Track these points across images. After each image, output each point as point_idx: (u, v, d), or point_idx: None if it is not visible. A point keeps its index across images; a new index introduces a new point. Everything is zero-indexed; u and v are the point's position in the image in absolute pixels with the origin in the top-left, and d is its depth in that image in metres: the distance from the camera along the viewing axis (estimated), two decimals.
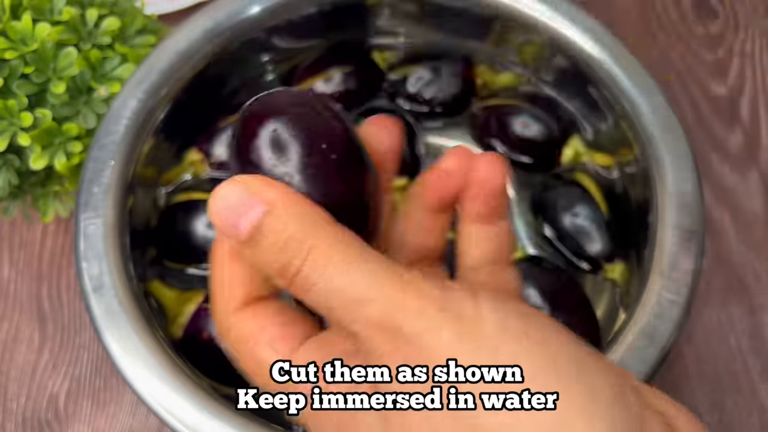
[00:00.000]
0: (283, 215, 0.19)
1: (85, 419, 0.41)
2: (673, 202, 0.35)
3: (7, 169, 0.37)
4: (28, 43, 0.36)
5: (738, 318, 0.44)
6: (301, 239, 0.19)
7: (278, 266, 0.19)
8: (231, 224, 0.20)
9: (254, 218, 0.19)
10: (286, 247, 0.19)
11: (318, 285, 0.19)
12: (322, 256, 0.19)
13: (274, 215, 0.19)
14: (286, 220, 0.19)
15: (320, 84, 0.43)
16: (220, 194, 0.20)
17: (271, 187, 0.20)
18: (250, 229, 0.19)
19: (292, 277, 0.19)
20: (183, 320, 0.36)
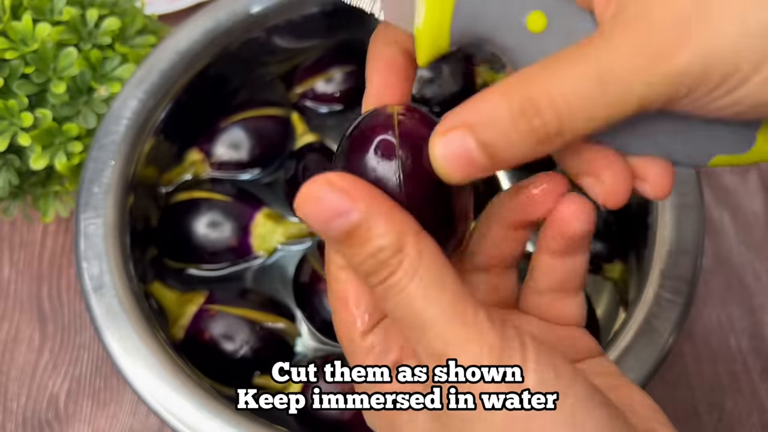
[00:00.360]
0: (377, 223, 0.20)
1: (86, 419, 0.41)
2: (673, 202, 0.35)
3: (7, 169, 0.37)
4: (28, 44, 0.36)
5: (738, 318, 0.44)
6: (391, 250, 0.19)
7: (365, 270, 0.20)
8: (323, 221, 0.20)
9: (349, 222, 0.20)
10: (377, 254, 0.19)
11: (397, 300, 0.19)
12: (407, 274, 0.19)
13: (369, 222, 0.20)
14: (380, 229, 0.20)
15: (321, 84, 0.43)
16: (314, 190, 0.20)
17: (366, 192, 0.20)
18: (344, 232, 0.20)
19: (377, 284, 0.20)
20: (184, 322, 0.36)
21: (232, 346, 0.36)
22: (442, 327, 0.19)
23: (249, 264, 0.40)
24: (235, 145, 0.41)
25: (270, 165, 0.42)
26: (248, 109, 0.42)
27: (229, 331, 0.36)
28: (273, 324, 0.37)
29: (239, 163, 0.41)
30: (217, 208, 0.39)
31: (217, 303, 0.37)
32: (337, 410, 0.35)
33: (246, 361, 0.36)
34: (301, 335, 0.39)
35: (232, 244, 0.39)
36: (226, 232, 0.39)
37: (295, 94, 0.44)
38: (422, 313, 0.19)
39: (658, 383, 0.42)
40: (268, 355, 0.37)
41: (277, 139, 0.42)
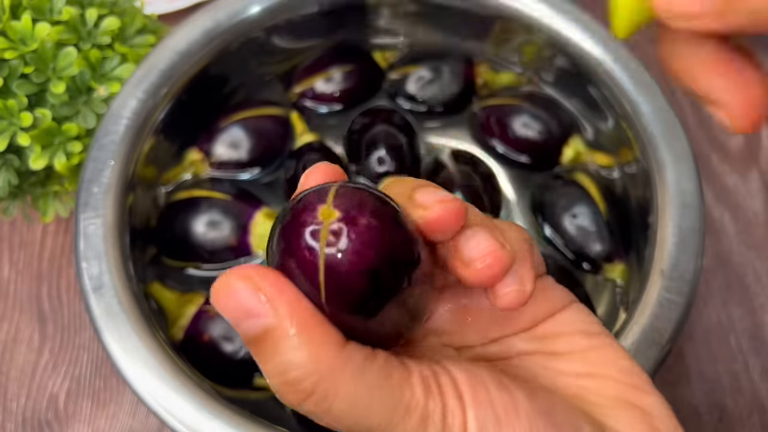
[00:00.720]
0: (289, 336, 0.17)
1: (85, 419, 0.41)
2: (674, 202, 0.35)
3: (6, 169, 0.37)
4: (27, 43, 0.36)
5: (738, 318, 0.44)
6: (304, 369, 0.17)
7: (274, 385, 0.18)
8: (234, 318, 0.18)
9: (261, 325, 0.18)
10: (287, 372, 0.17)
11: (322, 420, 0.18)
12: (327, 398, 0.17)
13: (279, 333, 0.17)
14: (292, 343, 0.17)
15: (320, 84, 0.43)
16: (230, 282, 0.18)
17: (282, 295, 0.18)
18: (254, 336, 0.18)
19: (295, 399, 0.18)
20: (183, 322, 0.36)
21: (231, 348, 0.36)
22: (379, 427, 0.18)
23: (248, 263, 0.40)
24: (235, 144, 0.41)
25: (269, 164, 0.42)
26: (247, 109, 0.42)
27: (229, 333, 0.36)
28: None
29: (239, 163, 0.41)
30: (216, 207, 0.39)
31: None
32: None
33: (246, 363, 0.36)
34: None
35: (232, 243, 0.39)
36: (226, 231, 0.39)
37: (295, 94, 0.44)
38: (356, 427, 0.18)
39: (658, 383, 0.41)
40: None
41: (277, 139, 0.42)
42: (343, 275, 0.18)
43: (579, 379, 0.21)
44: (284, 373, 0.17)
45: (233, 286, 0.18)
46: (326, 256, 0.18)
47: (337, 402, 0.17)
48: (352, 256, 0.18)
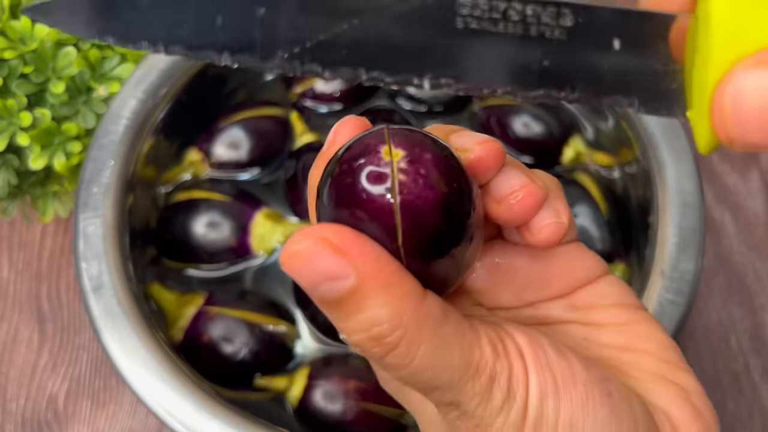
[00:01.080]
0: (373, 294, 0.17)
1: (85, 420, 0.41)
2: (674, 201, 0.35)
3: (6, 168, 0.37)
4: (27, 43, 0.36)
5: (739, 318, 0.44)
6: (389, 324, 0.17)
7: (357, 342, 0.18)
8: (312, 283, 0.17)
9: (342, 288, 0.17)
10: (371, 329, 0.17)
11: (400, 372, 0.18)
12: (410, 351, 0.17)
13: (362, 294, 0.17)
14: (377, 301, 0.17)
15: (320, 84, 0.43)
16: (303, 249, 0.17)
17: (363, 254, 0.17)
18: (334, 299, 0.17)
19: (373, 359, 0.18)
20: (183, 323, 0.36)
21: (231, 349, 0.36)
22: (455, 389, 0.18)
23: (248, 264, 0.40)
24: (235, 144, 0.41)
25: (269, 165, 0.42)
26: (247, 109, 0.42)
27: (228, 334, 0.36)
28: (272, 326, 0.37)
29: (238, 163, 0.41)
30: (216, 208, 0.39)
31: (216, 305, 0.37)
32: (339, 410, 0.35)
33: (245, 364, 0.36)
34: (301, 337, 0.39)
35: (232, 244, 0.39)
36: (225, 232, 0.39)
37: (295, 94, 0.44)
38: (432, 382, 0.18)
39: None
40: (268, 357, 0.37)
41: (277, 139, 0.42)
42: (419, 211, 0.17)
43: (620, 353, 0.21)
44: (368, 330, 0.17)
45: (310, 250, 0.17)
46: (401, 193, 0.17)
47: (419, 355, 0.17)
48: (427, 190, 0.17)
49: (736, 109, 0.14)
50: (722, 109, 0.15)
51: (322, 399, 0.35)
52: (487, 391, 0.18)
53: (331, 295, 0.17)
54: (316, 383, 0.35)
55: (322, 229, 0.17)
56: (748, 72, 0.14)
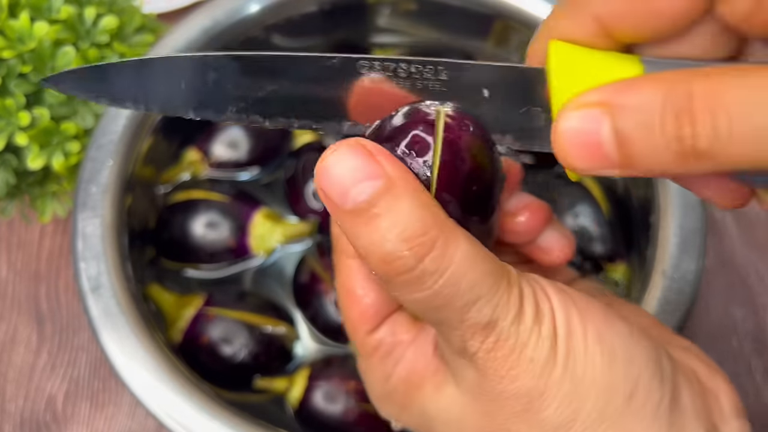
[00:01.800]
0: (404, 196, 0.17)
1: (84, 421, 0.41)
2: (676, 202, 0.35)
3: (4, 168, 0.37)
4: (25, 42, 0.36)
5: (741, 319, 0.44)
6: (423, 228, 0.17)
7: (386, 251, 0.17)
8: (340, 189, 0.17)
9: (370, 190, 0.17)
10: (403, 233, 0.17)
11: (438, 282, 0.18)
12: (447, 248, 0.17)
13: (394, 193, 0.17)
14: (408, 202, 0.17)
15: None
16: (336, 154, 0.18)
17: (394, 161, 0.18)
18: (362, 202, 0.17)
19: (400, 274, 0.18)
20: (182, 324, 0.36)
21: (230, 350, 0.36)
22: (492, 300, 0.18)
23: (247, 265, 0.39)
24: (234, 144, 0.41)
25: (269, 165, 0.42)
26: None
27: (228, 335, 0.36)
28: (272, 328, 0.37)
29: (238, 163, 0.41)
30: (215, 209, 0.39)
31: (215, 306, 0.36)
32: (339, 411, 0.35)
33: (245, 365, 0.36)
34: (300, 338, 0.39)
35: (231, 244, 0.38)
36: (225, 233, 0.38)
37: None
38: (470, 292, 0.18)
39: None
40: (268, 358, 0.37)
41: (276, 139, 0.42)
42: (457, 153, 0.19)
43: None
44: (402, 231, 0.17)
45: (340, 153, 0.18)
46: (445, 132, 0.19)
47: (457, 258, 0.18)
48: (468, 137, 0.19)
49: (559, 144, 0.18)
50: (554, 144, 0.18)
51: (322, 400, 0.35)
52: (520, 305, 0.18)
53: (363, 197, 0.17)
54: (316, 384, 0.35)
55: (359, 139, 0.18)
56: (566, 113, 0.17)
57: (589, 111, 0.17)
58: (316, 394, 0.35)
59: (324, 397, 0.35)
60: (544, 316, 0.19)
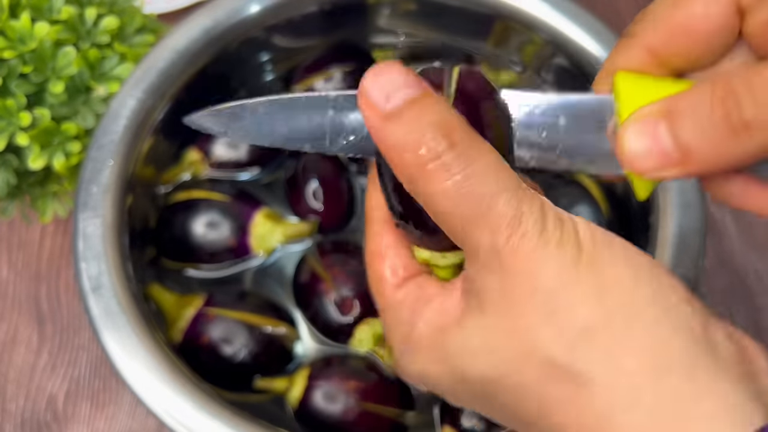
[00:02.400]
0: (439, 102, 0.20)
1: (84, 420, 0.41)
2: (675, 202, 0.35)
3: (5, 169, 0.37)
4: (26, 43, 0.36)
5: (740, 319, 0.44)
6: (454, 124, 0.20)
7: (418, 139, 0.20)
8: (384, 93, 0.20)
9: (410, 95, 0.20)
10: (437, 128, 0.19)
11: (463, 168, 0.19)
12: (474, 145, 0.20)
13: (430, 99, 0.20)
14: (442, 107, 0.20)
15: (320, 83, 0.43)
16: (381, 67, 0.20)
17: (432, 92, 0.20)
18: (402, 103, 0.20)
19: (429, 161, 0.19)
20: (182, 324, 0.36)
21: (230, 350, 0.36)
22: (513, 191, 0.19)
23: (248, 264, 0.40)
24: (234, 144, 0.41)
25: (269, 165, 0.42)
26: None
27: (228, 335, 0.36)
28: (272, 328, 0.37)
29: (238, 163, 0.41)
30: (215, 208, 0.39)
31: (215, 306, 0.37)
32: (339, 411, 0.35)
33: (245, 365, 0.36)
34: (301, 338, 0.39)
35: (231, 244, 0.38)
36: (225, 232, 0.38)
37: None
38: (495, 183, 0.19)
39: None
40: (268, 359, 0.37)
41: None
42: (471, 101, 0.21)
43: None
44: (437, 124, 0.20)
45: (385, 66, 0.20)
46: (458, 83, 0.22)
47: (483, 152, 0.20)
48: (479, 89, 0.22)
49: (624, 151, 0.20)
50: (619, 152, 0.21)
51: (322, 399, 0.35)
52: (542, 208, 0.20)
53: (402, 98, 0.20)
54: (316, 384, 0.35)
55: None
56: (629, 123, 0.20)
57: (649, 118, 0.20)
58: (315, 393, 0.35)
59: (324, 396, 0.35)
60: (565, 222, 0.20)
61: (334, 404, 0.35)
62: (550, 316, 0.19)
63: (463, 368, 0.21)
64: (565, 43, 0.39)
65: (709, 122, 0.19)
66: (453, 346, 0.21)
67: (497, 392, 0.20)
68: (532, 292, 0.19)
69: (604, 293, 0.19)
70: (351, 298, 0.37)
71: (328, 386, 0.35)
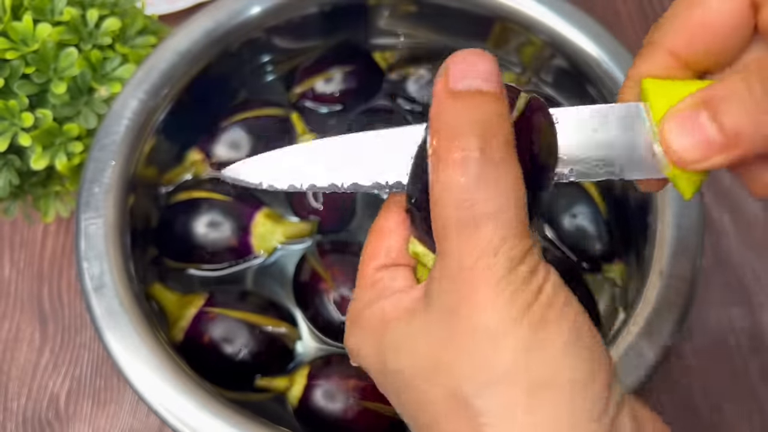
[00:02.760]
0: (500, 107, 0.20)
1: (86, 419, 0.41)
2: (673, 202, 0.35)
3: (8, 169, 0.37)
4: (29, 44, 0.36)
5: (737, 318, 0.44)
6: (498, 129, 0.20)
7: (461, 126, 0.20)
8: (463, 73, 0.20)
9: (483, 87, 0.20)
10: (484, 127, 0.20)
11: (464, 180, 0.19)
12: (506, 160, 0.20)
13: (498, 101, 0.20)
14: (501, 112, 0.20)
15: (321, 84, 0.43)
16: (476, 51, 0.21)
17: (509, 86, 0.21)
18: (471, 90, 0.20)
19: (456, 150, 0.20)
20: (184, 324, 0.36)
21: (231, 349, 0.36)
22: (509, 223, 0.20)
23: (249, 264, 0.40)
24: (236, 145, 0.41)
25: None
26: (248, 110, 0.42)
27: (229, 335, 0.36)
28: (273, 328, 0.37)
29: None
30: (217, 208, 0.39)
31: (216, 306, 0.37)
32: (339, 409, 0.35)
33: (246, 365, 0.36)
34: (302, 338, 0.39)
35: (233, 243, 0.39)
36: (227, 232, 0.39)
37: (295, 94, 0.44)
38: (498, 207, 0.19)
39: (658, 383, 0.42)
40: (268, 358, 0.37)
41: (277, 139, 0.42)
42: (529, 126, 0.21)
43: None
44: (482, 123, 0.20)
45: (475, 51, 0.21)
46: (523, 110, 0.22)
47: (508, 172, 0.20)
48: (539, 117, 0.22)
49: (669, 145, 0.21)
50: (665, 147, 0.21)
51: (322, 398, 0.35)
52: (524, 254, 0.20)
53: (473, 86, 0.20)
54: (316, 383, 0.35)
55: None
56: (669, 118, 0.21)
57: (687, 111, 0.21)
58: (315, 392, 0.35)
59: (323, 395, 0.35)
60: (536, 277, 0.20)
61: (333, 403, 0.35)
62: (474, 353, 0.19)
63: (387, 359, 0.21)
64: (564, 45, 0.39)
65: (751, 100, 0.20)
66: (388, 338, 0.22)
67: (404, 390, 0.21)
68: (472, 328, 0.19)
69: (532, 353, 0.19)
70: (351, 297, 0.37)
71: (327, 385, 0.35)
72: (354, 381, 0.35)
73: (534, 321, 0.19)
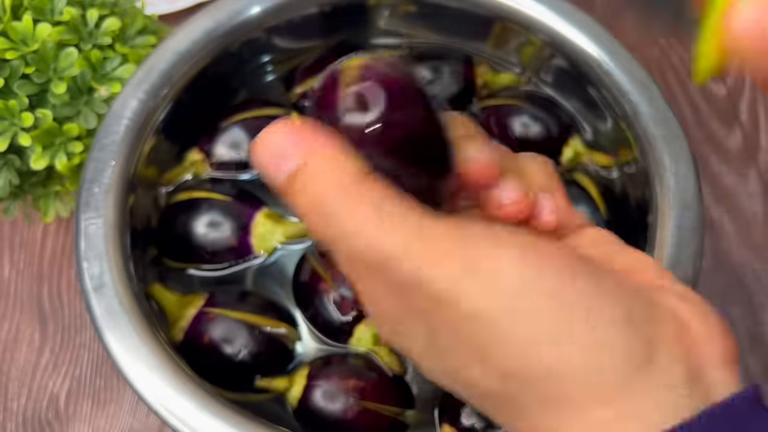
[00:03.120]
0: (316, 172, 0.20)
1: (86, 419, 0.41)
2: (673, 202, 0.35)
3: (7, 169, 0.37)
4: (28, 44, 0.36)
5: (738, 318, 0.44)
6: (328, 203, 0.20)
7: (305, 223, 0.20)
8: (271, 169, 0.21)
9: (290, 169, 0.20)
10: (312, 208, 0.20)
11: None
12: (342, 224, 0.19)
13: (307, 172, 0.20)
14: (319, 179, 0.20)
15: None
16: (265, 135, 0.21)
17: (314, 138, 0.20)
18: (284, 180, 0.20)
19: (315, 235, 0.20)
20: (183, 324, 0.36)
21: (231, 350, 0.36)
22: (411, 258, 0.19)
23: (249, 264, 0.40)
24: (236, 145, 0.41)
25: None
26: (248, 110, 0.42)
27: (229, 335, 0.36)
28: (272, 328, 0.37)
29: (239, 163, 0.42)
30: (217, 208, 0.39)
31: (216, 306, 0.37)
32: (339, 410, 0.35)
33: (246, 365, 0.36)
34: (301, 338, 0.39)
35: (233, 243, 0.39)
36: (226, 232, 0.39)
37: (295, 95, 0.44)
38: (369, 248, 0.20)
39: None
40: (268, 358, 0.37)
41: None
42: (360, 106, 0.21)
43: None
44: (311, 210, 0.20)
45: (268, 135, 0.21)
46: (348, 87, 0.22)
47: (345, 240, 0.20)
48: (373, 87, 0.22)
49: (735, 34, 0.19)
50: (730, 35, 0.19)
51: (321, 398, 0.35)
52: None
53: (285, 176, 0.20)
54: (315, 383, 0.35)
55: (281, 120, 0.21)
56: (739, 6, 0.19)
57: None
58: (315, 393, 0.35)
59: (323, 395, 0.35)
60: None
61: (333, 403, 0.35)
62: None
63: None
64: (564, 45, 0.39)
65: None
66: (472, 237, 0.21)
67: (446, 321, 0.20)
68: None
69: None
70: (350, 297, 0.37)
71: (327, 385, 0.35)
72: (354, 381, 0.35)
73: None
